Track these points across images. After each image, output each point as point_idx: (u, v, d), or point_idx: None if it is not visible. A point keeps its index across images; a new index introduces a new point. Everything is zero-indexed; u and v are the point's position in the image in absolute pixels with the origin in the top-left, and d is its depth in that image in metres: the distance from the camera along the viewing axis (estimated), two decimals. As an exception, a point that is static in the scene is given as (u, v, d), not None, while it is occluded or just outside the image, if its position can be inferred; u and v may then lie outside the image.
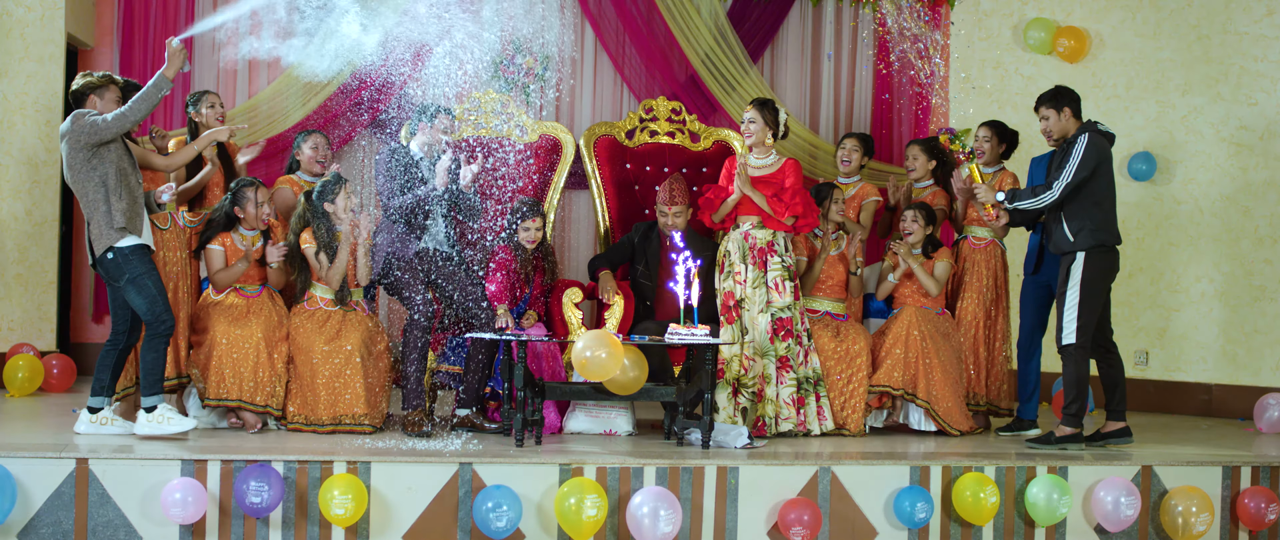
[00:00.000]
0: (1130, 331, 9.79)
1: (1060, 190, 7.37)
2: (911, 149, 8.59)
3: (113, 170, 6.76)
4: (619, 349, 6.87)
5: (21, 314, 9.10)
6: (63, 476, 6.24)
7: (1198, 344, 9.62)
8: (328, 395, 7.26)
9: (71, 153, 6.76)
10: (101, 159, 6.75)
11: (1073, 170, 7.36)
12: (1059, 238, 7.49)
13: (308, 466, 6.42)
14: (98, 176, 6.74)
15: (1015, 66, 10.34)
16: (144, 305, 6.81)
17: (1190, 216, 9.64)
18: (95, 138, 6.71)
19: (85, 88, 6.98)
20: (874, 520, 6.86)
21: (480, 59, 10.12)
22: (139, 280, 6.79)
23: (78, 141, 6.72)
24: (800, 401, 7.79)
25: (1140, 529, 7.11)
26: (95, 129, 6.71)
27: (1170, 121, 9.70)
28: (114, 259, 6.76)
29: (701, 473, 6.70)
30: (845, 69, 10.72)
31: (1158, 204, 9.74)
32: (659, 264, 8.21)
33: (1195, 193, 9.62)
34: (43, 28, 9.14)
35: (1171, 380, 9.71)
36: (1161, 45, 9.75)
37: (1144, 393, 9.72)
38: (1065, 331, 7.45)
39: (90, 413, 6.95)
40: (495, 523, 6.35)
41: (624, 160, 8.84)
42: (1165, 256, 9.73)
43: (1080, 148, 7.38)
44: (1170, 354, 9.73)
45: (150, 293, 6.80)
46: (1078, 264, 7.43)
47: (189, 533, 6.31)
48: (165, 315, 6.84)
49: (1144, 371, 9.77)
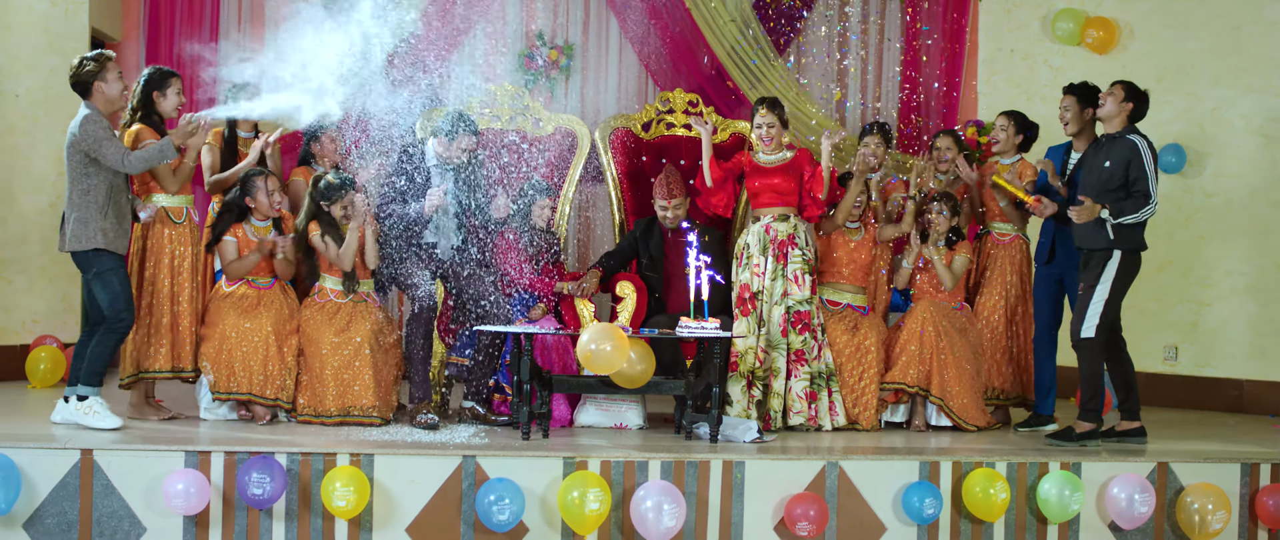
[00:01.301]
0: (1159, 326, 9.66)
1: (1156, 199, 7.28)
2: (941, 139, 8.48)
3: (105, 187, 6.85)
4: (625, 342, 6.84)
5: (46, 306, 9.17)
6: (67, 467, 6.28)
7: (1228, 339, 9.48)
8: (336, 387, 7.27)
9: (72, 151, 6.84)
10: (98, 171, 6.84)
11: (1154, 176, 7.27)
12: (1095, 235, 7.34)
13: (311, 459, 6.43)
14: (88, 184, 6.82)
15: (1043, 57, 10.22)
16: (107, 300, 6.89)
17: (1220, 209, 9.49)
18: (93, 151, 6.78)
19: (86, 77, 6.94)
20: (883, 516, 6.79)
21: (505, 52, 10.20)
22: (105, 276, 6.88)
23: (80, 146, 6.79)
24: (812, 396, 7.74)
25: (1156, 526, 7.00)
26: (98, 149, 6.77)
27: (1200, 113, 9.56)
28: (85, 253, 6.86)
29: (707, 467, 6.66)
30: (871, 60, 10.63)
31: (1187, 197, 9.60)
32: (662, 258, 8.18)
33: (1225, 185, 9.47)
34: (66, 22, 9.20)
35: (1201, 376, 9.57)
36: (1191, 36, 9.60)
37: (1173, 388, 9.59)
38: (1086, 325, 7.34)
39: (79, 400, 6.98)
40: (497, 516, 6.34)
41: (639, 153, 8.79)
42: (1195, 250, 9.59)
43: (1147, 155, 7.28)
44: (1200, 349, 9.58)
45: (114, 289, 6.89)
46: (1113, 262, 7.31)
47: (192, 523, 6.34)
48: (125, 313, 6.91)
49: (1173, 367, 9.64)
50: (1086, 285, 7.39)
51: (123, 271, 6.96)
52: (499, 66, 10.17)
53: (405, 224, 7.55)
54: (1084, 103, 7.86)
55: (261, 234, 7.48)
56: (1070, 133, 7.93)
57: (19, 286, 9.07)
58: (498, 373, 7.68)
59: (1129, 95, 7.47)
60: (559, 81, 10.29)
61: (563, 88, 10.31)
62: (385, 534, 6.46)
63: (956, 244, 8.08)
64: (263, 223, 7.51)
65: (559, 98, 10.29)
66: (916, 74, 10.54)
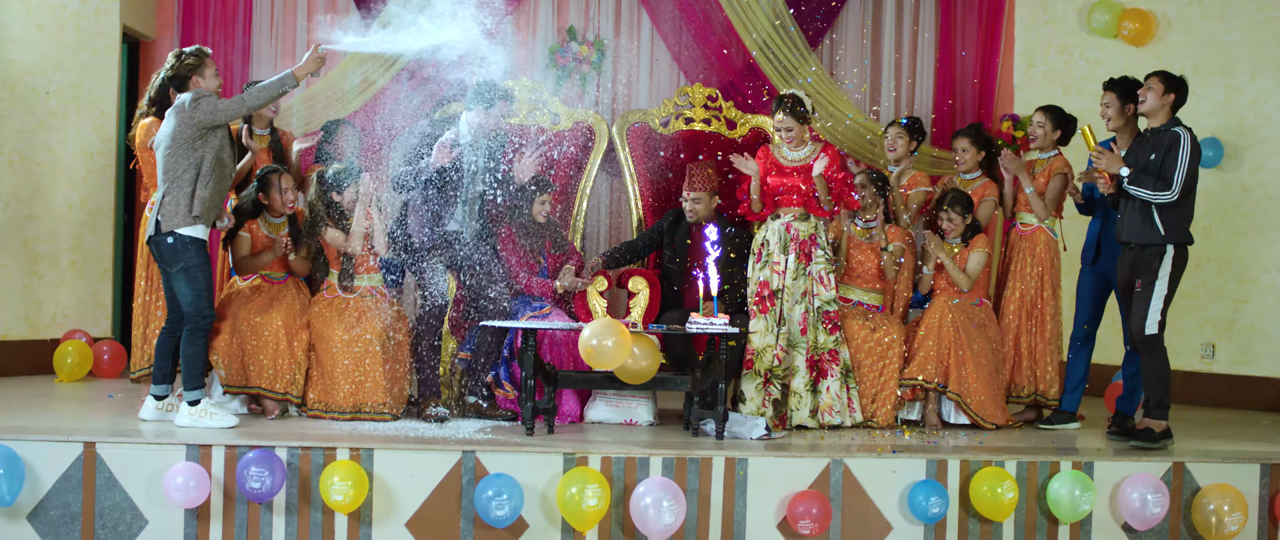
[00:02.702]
0: (1197, 323, 9.47)
1: (1179, 191, 7.11)
2: (959, 140, 8.36)
3: (212, 156, 6.82)
4: (627, 338, 6.80)
5: (76, 301, 9.29)
6: (71, 460, 6.35)
7: (1267, 337, 9.27)
8: (347, 383, 7.30)
9: (180, 128, 6.77)
10: (206, 142, 6.81)
11: (1185, 168, 7.11)
12: (1146, 230, 7.18)
13: (311, 453, 6.45)
14: (195, 158, 6.78)
15: (1080, 51, 10.04)
16: (190, 296, 6.87)
17: (1259, 204, 9.29)
18: (212, 119, 6.78)
19: (184, 71, 7.05)
20: (888, 515, 6.71)
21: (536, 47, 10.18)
22: (191, 271, 6.85)
23: (193, 119, 6.75)
24: (842, 394, 7.68)
25: (1172, 527, 6.86)
26: (216, 110, 6.77)
27: (1238, 106, 9.35)
28: (174, 244, 6.81)
29: (709, 463, 6.61)
30: (906, 55, 10.50)
31: (1225, 192, 9.40)
32: (686, 251, 8.13)
33: (1264, 179, 9.26)
34: (97, 20, 9.31)
35: (1240, 374, 9.36)
36: (1229, 26, 9.40)
37: (1211, 387, 9.40)
38: (1149, 322, 7.20)
39: (155, 400, 7.06)
40: (495, 511, 6.32)
41: (658, 148, 8.75)
42: (1233, 246, 9.38)
43: (1186, 146, 7.13)
44: (1238, 347, 9.38)
45: (200, 285, 6.88)
46: (1168, 257, 7.18)
47: (193, 516, 6.39)
48: (208, 311, 6.92)
49: (1211, 365, 9.44)
50: (1145, 282, 7.22)
51: (208, 270, 6.94)
52: (529, 62, 10.17)
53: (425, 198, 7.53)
54: (1125, 98, 7.71)
55: (275, 230, 7.52)
56: (1113, 129, 7.77)
57: (50, 281, 9.19)
58: (498, 366, 7.67)
59: (1169, 86, 7.32)
60: (591, 77, 10.26)
61: (594, 83, 10.28)
62: (385, 528, 6.47)
63: (973, 239, 7.96)
64: (277, 219, 7.55)
65: (590, 93, 10.26)
66: (951, 68, 10.39)
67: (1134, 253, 7.26)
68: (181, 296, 6.88)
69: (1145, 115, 7.37)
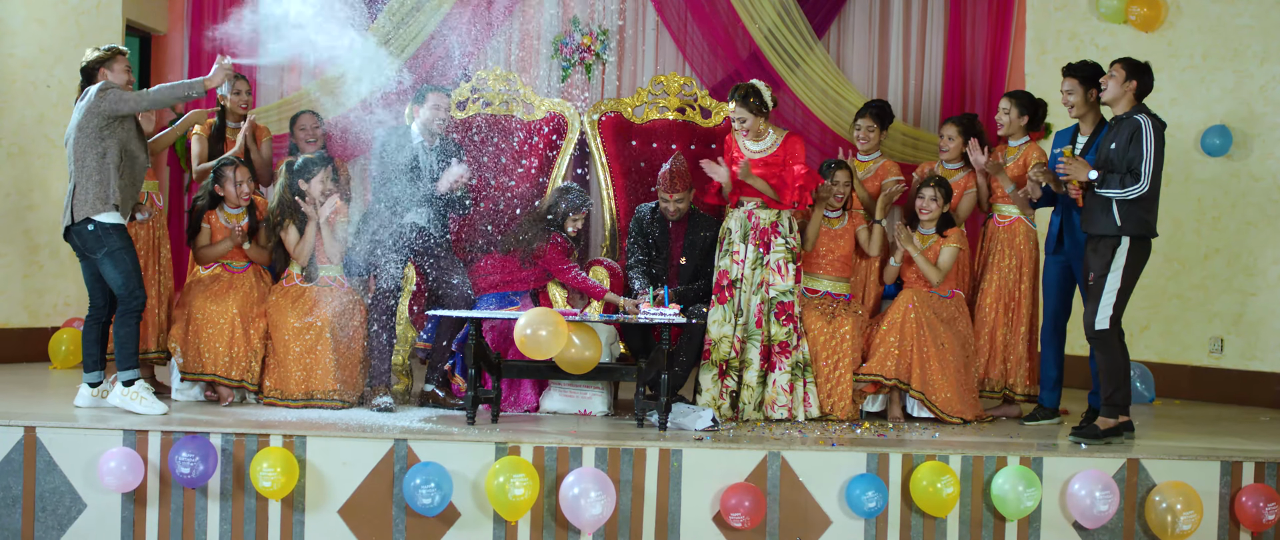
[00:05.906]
0: (1204, 317, 9.19)
1: (1149, 182, 6.91)
2: (947, 127, 8.18)
3: (118, 147, 6.95)
4: (563, 328, 6.77)
5: (76, 290, 9.45)
6: (11, 444, 6.47)
7: (1277, 331, 8.95)
8: (299, 370, 7.36)
9: (85, 119, 6.93)
10: (112, 133, 6.95)
11: (1152, 157, 6.90)
12: (1102, 221, 7.01)
13: (245, 439, 6.51)
14: (102, 149, 6.91)
15: (1091, 37, 9.77)
16: (119, 280, 6.98)
17: (1269, 194, 8.97)
18: (115, 110, 6.91)
19: (95, 62, 7.22)
20: (828, 509, 6.59)
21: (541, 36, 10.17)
22: (117, 254, 6.96)
23: (97, 109, 6.91)
24: (789, 387, 7.55)
25: (1126, 526, 6.65)
26: (120, 101, 6.92)
27: (1248, 92, 9.04)
28: (94, 231, 6.93)
29: (643, 455, 6.55)
30: (914, 44, 10.32)
31: (1234, 181, 9.09)
32: (666, 244, 8.00)
33: (1275, 168, 8.95)
34: (98, 15, 9.48)
35: (1248, 369, 9.06)
36: (1239, 10, 9.10)
37: (1218, 382, 9.12)
38: (1100, 316, 7.02)
39: (90, 388, 7.18)
40: (422, 499, 6.32)
41: (630, 138, 8.67)
42: (1242, 237, 9.08)
43: (1150, 134, 6.91)
44: (1247, 341, 9.07)
45: (127, 267, 6.98)
46: (1123, 249, 6.97)
47: (130, 500, 6.48)
48: (139, 291, 7.01)
49: (1218, 360, 9.15)
50: (1097, 275, 7.04)
51: (133, 251, 7.04)
52: (532, 53, 10.17)
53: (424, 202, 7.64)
54: (1087, 84, 7.50)
55: (233, 221, 7.61)
56: (1076, 116, 7.58)
57: (51, 271, 9.39)
58: (454, 356, 7.68)
59: (1131, 73, 7.12)
60: (595, 68, 10.22)
61: (599, 74, 10.24)
62: (317, 515, 6.51)
63: (946, 232, 7.79)
64: (235, 210, 7.64)
65: (595, 83, 10.22)
66: (961, 55, 10.19)
67: (1092, 244, 7.06)
68: (111, 281, 6.97)
69: (1107, 103, 7.18)
